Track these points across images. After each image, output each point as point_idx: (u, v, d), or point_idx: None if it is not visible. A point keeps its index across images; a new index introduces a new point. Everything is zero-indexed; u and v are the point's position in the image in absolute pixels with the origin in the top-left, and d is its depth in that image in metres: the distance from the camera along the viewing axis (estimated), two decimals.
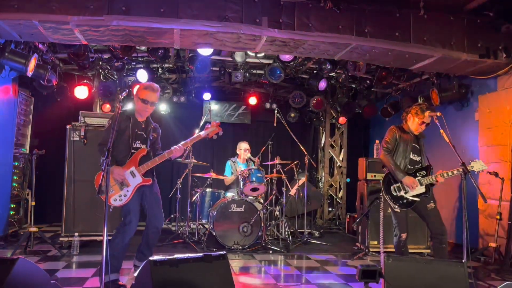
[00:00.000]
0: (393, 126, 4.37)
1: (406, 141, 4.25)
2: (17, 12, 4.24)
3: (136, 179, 3.93)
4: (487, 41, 5.13)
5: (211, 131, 4.23)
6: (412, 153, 4.25)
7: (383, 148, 4.28)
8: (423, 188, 4.12)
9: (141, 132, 4.06)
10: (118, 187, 3.87)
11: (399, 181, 4.15)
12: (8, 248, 5.36)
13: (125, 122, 3.98)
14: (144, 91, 4.02)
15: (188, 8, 4.48)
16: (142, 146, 4.04)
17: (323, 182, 8.85)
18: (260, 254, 5.56)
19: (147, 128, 4.13)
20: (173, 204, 7.80)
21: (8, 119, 5.79)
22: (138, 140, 4.04)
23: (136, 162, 3.94)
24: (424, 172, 4.16)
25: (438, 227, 4.10)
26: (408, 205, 4.16)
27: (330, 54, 5.32)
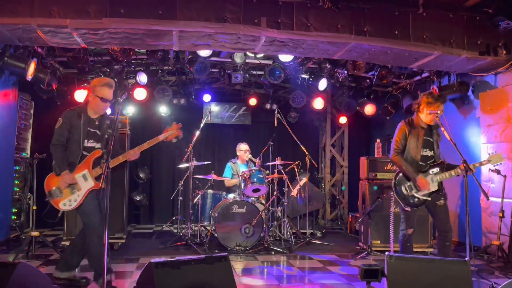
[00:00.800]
0: (403, 122, 4.21)
1: (417, 136, 4.10)
2: (16, 16, 4.25)
3: (88, 183, 3.78)
4: (487, 38, 5.12)
5: (170, 134, 4.04)
6: (423, 148, 4.11)
7: (393, 149, 4.19)
8: (435, 186, 4.02)
9: (95, 129, 3.90)
10: (69, 191, 3.74)
11: (412, 180, 4.06)
12: (10, 252, 5.36)
13: (75, 120, 3.81)
14: (103, 89, 3.84)
15: (186, 9, 4.48)
16: (96, 146, 3.89)
17: (324, 182, 8.83)
18: (263, 255, 5.54)
19: (102, 125, 3.95)
20: (175, 206, 7.81)
21: (8, 124, 5.79)
22: (91, 139, 3.87)
23: (90, 164, 3.80)
24: (437, 169, 4.05)
25: (444, 224, 4.06)
26: (419, 204, 4.08)
27: (330, 54, 5.31)
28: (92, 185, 3.78)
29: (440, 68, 5.73)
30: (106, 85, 3.86)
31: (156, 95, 7.22)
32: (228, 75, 7.19)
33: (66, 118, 3.82)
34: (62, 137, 3.79)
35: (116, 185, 5.60)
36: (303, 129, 8.91)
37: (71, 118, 3.81)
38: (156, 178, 8.47)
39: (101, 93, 3.82)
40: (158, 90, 7.23)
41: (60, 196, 3.74)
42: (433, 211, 4.14)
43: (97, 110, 3.90)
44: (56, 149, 3.79)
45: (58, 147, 3.79)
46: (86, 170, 3.78)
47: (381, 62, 5.80)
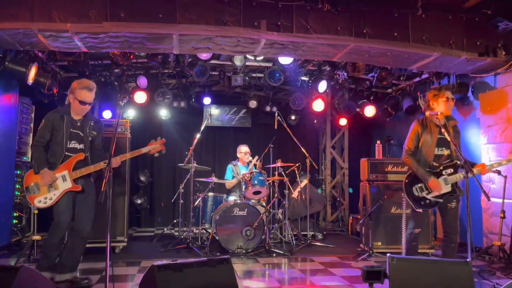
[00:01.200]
0: (416, 122, 4.15)
1: (430, 135, 4.03)
2: (17, 21, 4.27)
3: (66, 184, 3.89)
4: (486, 39, 5.14)
5: (153, 147, 4.12)
6: (438, 148, 4.04)
7: (404, 150, 4.15)
8: (448, 187, 3.95)
9: (77, 130, 3.98)
10: (46, 189, 3.85)
11: (423, 182, 4.02)
12: (12, 256, 5.35)
13: (58, 122, 3.90)
14: (82, 92, 3.89)
15: (186, 13, 4.50)
16: (78, 147, 3.98)
17: (325, 184, 8.84)
18: (264, 257, 5.54)
19: (85, 126, 4.03)
20: (176, 209, 7.81)
21: (9, 128, 5.80)
22: (74, 140, 3.96)
23: (71, 166, 3.90)
24: (451, 170, 3.96)
25: (451, 226, 4.03)
26: (430, 206, 4.03)
27: (329, 56, 5.33)
28: (70, 186, 3.89)
29: (439, 69, 5.74)
30: (85, 88, 3.91)
31: (156, 98, 7.24)
32: (228, 77, 7.22)
33: (48, 120, 3.93)
34: (42, 138, 3.91)
35: (117, 188, 5.61)
36: (303, 131, 8.93)
37: (53, 119, 3.91)
38: (157, 181, 8.48)
39: (80, 95, 3.89)
40: (159, 93, 7.25)
41: (37, 193, 3.84)
42: (443, 213, 4.09)
43: (78, 112, 3.98)
44: (36, 149, 3.91)
45: (38, 147, 3.91)
46: (66, 171, 3.88)
47: (381, 64, 5.82)
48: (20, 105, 6.16)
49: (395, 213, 5.78)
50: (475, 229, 5.56)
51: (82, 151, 3.98)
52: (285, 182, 6.39)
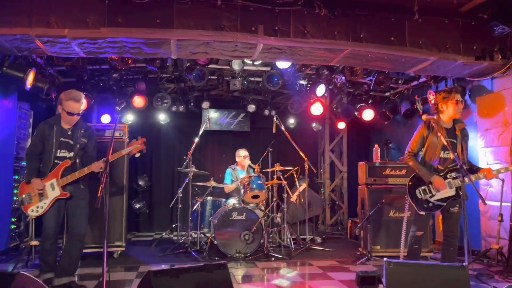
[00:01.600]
0: (422, 125, 4.10)
1: (436, 138, 3.97)
2: (15, 27, 4.30)
3: (54, 192, 3.97)
4: (483, 43, 5.16)
5: (134, 148, 4.11)
6: (444, 151, 4.00)
7: (407, 151, 4.12)
8: (452, 191, 3.91)
9: (67, 139, 4.07)
10: (37, 198, 3.96)
11: (427, 183, 3.97)
12: (10, 262, 5.35)
13: (47, 132, 4.01)
14: (68, 103, 3.98)
15: (184, 18, 4.52)
16: (67, 155, 4.05)
17: (324, 188, 8.84)
18: (262, 261, 5.54)
19: (75, 134, 4.10)
20: (174, 213, 7.81)
21: (7, 133, 5.81)
22: (64, 149, 4.05)
23: (58, 174, 3.97)
24: (455, 174, 3.92)
25: (451, 230, 4.01)
26: (433, 209, 4.01)
27: (327, 60, 5.34)
28: (59, 194, 3.97)
29: (436, 73, 5.76)
30: (71, 99, 3.99)
31: (155, 102, 7.25)
32: (226, 82, 7.24)
33: (39, 130, 4.06)
34: (34, 147, 4.06)
35: (115, 193, 5.61)
36: (302, 134, 8.94)
37: (43, 129, 4.03)
38: (155, 185, 8.48)
39: (67, 107, 3.98)
40: (157, 98, 7.26)
41: (30, 202, 3.97)
42: (446, 216, 4.07)
43: (67, 122, 4.07)
44: (27, 159, 4.08)
45: (29, 157, 4.06)
46: (54, 179, 3.96)
47: (378, 68, 5.84)
48: (19, 110, 6.17)
49: (394, 217, 5.78)
50: (473, 233, 5.56)
51: (70, 159, 4.04)
52: (283, 186, 6.39)
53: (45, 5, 4.33)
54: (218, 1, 4.56)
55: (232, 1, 4.59)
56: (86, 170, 3.97)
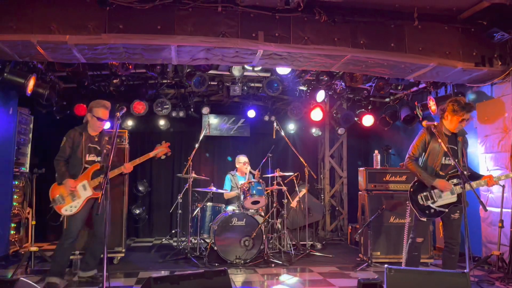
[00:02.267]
0: (424, 130, 4.08)
1: (438, 144, 3.95)
2: (16, 32, 4.32)
3: (86, 192, 4.32)
4: (482, 50, 5.18)
5: (160, 151, 4.61)
6: (445, 157, 3.99)
7: (408, 156, 4.10)
8: (454, 198, 3.91)
9: (94, 145, 4.46)
10: (70, 198, 4.27)
11: (429, 187, 3.95)
12: (10, 268, 5.33)
13: (78, 138, 4.40)
14: (99, 110, 4.41)
15: (184, 24, 4.54)
16: (96, 159, 4.44)
17: (324, 193, 8.83)
18: (262, 267, 5.52)
19: (101, 141, 4.50)
20: (174, 219, 7.79)
21: (8, 139, 5.81)
22: (92, 154, 4.44)
23: (89, 176, 4.35)
24: (456, 180, 3.93)
25: (453, 236, 3.98)
26: (435, 216, 3.98)
27: (327, 66, 5.36)
28: (90, 194, 4.33)
29: (436, 79, 5.78)
30: (102, 106, 4.43)
31: (155, 108, 7.26)
32: (226, 87, 7.25)
33: (69, 137, 4.42)
34: (64, 153, 4.39)
35: (115, 198, 5.60)
36: (301, 140, 8.95)
37: (73, 136, 4.42)
38: (155, 191, 8.47)
39: (97, 113, 4.40)
40: (157, 103, 7.27)
41: (63, 203, 4.27)
42: (446, 223, 4.05)
43: (95, 129, 4.47)
44: (58, 163, 4.37)
45: (60, 161, 4.38)
46: (86, 180, 4.33)
47: (378, 74, 5.85)
48: (19, 115, 6.18)
49: (394, 223, 5.77)
50: (474, 239, 5.55)
51: (98, 163, 4.44)
52: (283, 192, 6.38)
53: (47, 12, 4.36)
54: (218, 7, 4.59)
55: (232, 8, 4.62)
56: (116, 171, 4.38)
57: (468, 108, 3.97)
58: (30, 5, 4.35)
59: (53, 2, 4.37)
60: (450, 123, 4.01)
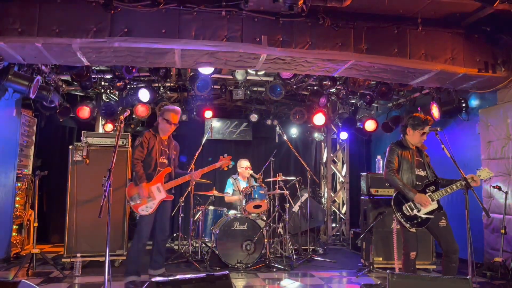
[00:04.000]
0: (392, 144, 4.25)
1: (408, 156, 4.14)
2: (21, 35, 4.33)
3: (161, 194, 4.57)
4: (486, 56, 5.18)
5: (224, 163, 5.02)
6: (417, 168, 4.14)
7: (387, 168, 4.15)
8: (435, 204, 4.00)
9: (165, 148, 4.70)
10: (145, 199, 4.49)
11: (410, 200, 4.01)
12: (11, 270, 5.33)
13: (153, 138, 4.62)
14: (169, 113, 4.65)
15: (188, 28, 4.56)
16: (166, 162, 4.68)
17: (326, 198, 8.82)
18: (264, 272, 5.50)
19: (170, 146, 4.77)
20: (176, 222, 7.78)
21: (11, 141, 5.83)
22: (163, 156, 4.66)
23: (162, 179, 4.60)
24: (433, 187, 4.05)
25: (450, 245, 3.96)
26: (423, 224, 4.00)
27: (330, 71, 5.37)
28: (164, 197, 4.60)
29: (439, 85, 5.78)
30: (172, 111, 4.67)
31: (157, 111, 7.27)
32: (229, 91, 7.26)
33: (145, 138, 4.61)
34: (142, 153, 4.57)
35: (116, 201, 5.59)
36: (304, 145, 8.95)
37: (149, 137, 4.62)
38: None
39: (167, 117, 4.64)
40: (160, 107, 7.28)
41: (140, 202, 4.48)
42: (437, 233, 4.05)
43: (165, 132, 4.70)
44: (137, 164, 4.54)
45: (139, 163, 4.55)
46: (160, 183, 4.58)
47: (381, 79, 5.85)
48: (22, 117, 6.20)
49: (397, 228, 5.73)
50: (476, 245, 5.52)
51: (168, 166, 4.69)
52: (285, 196, 6.38)
53: (51, 15, 4.37)
54: (222, 12, 4.60)
55: (236, 12, 4.63)
56: (187, 177, 4.74)
57: (427, 122, 4.13)
58: (35, 8, 4.37)
59: (57, 5, 4.39)
60: (413, 137, 4.18)
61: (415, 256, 4.05)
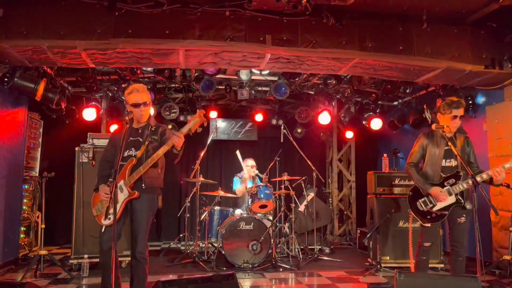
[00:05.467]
0: (421, 135, 4.13)
1: (437, 147, 3.99)
2: (26, 38, 4.36)
3: (123, 194, 3.51)
4: (492, 52, 5.13)
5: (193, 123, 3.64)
6: (446, 159, 3.97)
7: (407, 162, 4.12)
8: (453, 198, 3.87)
9: (136, 137, 3.65)
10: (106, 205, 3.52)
11: (425, 194, 3.95)
12: (19, 271, 5.37)
13: (119, 134, 3.62)
14: (131, 96, 3.59)
15: (192, 29, 4.56)
16: (133, 154, 3.58)
17: (332, 197, 8.79)
18: (271, 272, 5.49)
19: (144, 132, 3.67)
20: (182, 223, 7.80)
21: (17, 143, 5.86)
22: (132, 147, 3.61)
23: (125, 174, 3.52)
24: (453, 180, 3.89)
25: (458, 240, 3.93)
26: (438, 219, 3.93)
27: (334, 70, 5.35)
28: (127, 195, 3.53)
29: (445, 82, 5.74)
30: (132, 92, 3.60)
31: (163, 112, 7.29)
32: (234, 91, 7.26)
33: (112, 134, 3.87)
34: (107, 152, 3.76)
35: None
36: (309, 144, 8.91)
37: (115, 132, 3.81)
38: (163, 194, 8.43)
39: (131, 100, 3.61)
40: (165, 108, 7.31)
41: (102, 211, 3.58)
42: (452, 226, 3.99)
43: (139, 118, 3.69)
44: (99, 166, 3.77)
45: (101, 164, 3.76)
46: (122, 180, 3.52)
47: (386, 77, 5.82)
48: (29, 120, 6.24)
49: (403, 227, 5.71)
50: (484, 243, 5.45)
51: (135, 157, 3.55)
52: (291, 196, 6.36)
53: (56, 17, 4.40)
54: (226, 12, 4.60)
55: (240, 12, 4.62)
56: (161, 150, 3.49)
57: (456, 104, 3.94)
58: (40, 10, 4.39)
59: (62, 7, 4.41)
60: (445, 123, 3.96)
61: (428, 246, 4.00)
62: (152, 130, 3.67)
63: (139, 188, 3.54)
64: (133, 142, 3.62)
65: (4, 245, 5.38)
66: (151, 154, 3.53)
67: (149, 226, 3.61)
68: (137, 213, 3.55)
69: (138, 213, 3.55)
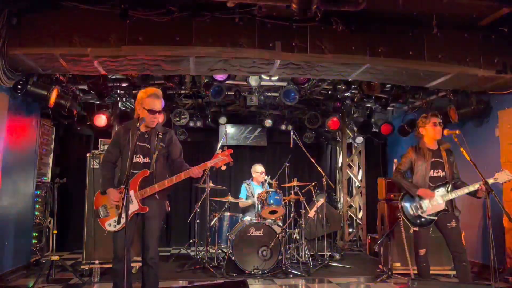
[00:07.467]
0: (410, 148, 4.39)
1: (424, 159, 4.23)
2: (39, 46, 4.43)
3: (133, 206, 3.47)
4: (504, 57, 5.09)
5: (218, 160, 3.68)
6: (433, 170, 4.22)
7: (395, 169, 4.41)
8: (442, 205, 4.10)
9: (143, 143, 3.60)
10: (114, 211, 3.54)
11: (415, 197, 4.16)
12: (31, 277, 5.41)
13: (124, 136, 3.60)
14: (149, 100, 3.54)
15: (202, 35, 4.60)
16: (142, 161, 3.57)
17: (342, 203, 8.74)
18: (281, 278, 5.47)
19: (151, 138, 3.63)
20: (192, 229, 7.81)
21: (30, 149, 5.94)
22: (140, 154, 3.57)
23: (136, 185, 3.49)
24: (442, 189, 4.16)
25: (456, 246, 4.08)
26: (426, 224, 4.15)
27: (344, 75, 5.34)
28: (137, 208, 3.51)
29: (456, 87, 5.70)
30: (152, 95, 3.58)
31: (173, 118, 7.34)
32: (243, 97, 7.28)
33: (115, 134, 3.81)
34: (110, 153, 3.70)
35: None
36: (319, 149, 8.90)
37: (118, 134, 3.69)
38: (173, 200, 8.50)
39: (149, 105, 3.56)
40: (175, 114, 7.35)
41: (107, 216, 3.58)
42: (444, 233, 4.17)
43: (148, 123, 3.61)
44: (102, 166, 3.73)
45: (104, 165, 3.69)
46: (132, 191, 3.48)
47: (396, 82, 5.80)
48: (41, 126, 6.31)
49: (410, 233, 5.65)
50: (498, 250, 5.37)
51: (147, 166, 3.53)
52: (301, 201, 6.34)
53: (69, 25, 4.46)
54: (236, 18, 4.62)
55: (249, 18, 4.65)
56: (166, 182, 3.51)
57: (431, 113, 4.28)
58: (53, 19, 4.46)
59: (75, 15, 4.47)
60: (428, 134, 4.27)
61: (424, 253, 4.15)
62: (159, 137, 3.62)
63: (151, 199, 3.55)
64: (141, 148, 3.58)
65: (16, 250, 5.43)
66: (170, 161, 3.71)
67: (160, 232, 3.66)
68: (149, 220, 3.56)
69: (150, 220, 3.56)
